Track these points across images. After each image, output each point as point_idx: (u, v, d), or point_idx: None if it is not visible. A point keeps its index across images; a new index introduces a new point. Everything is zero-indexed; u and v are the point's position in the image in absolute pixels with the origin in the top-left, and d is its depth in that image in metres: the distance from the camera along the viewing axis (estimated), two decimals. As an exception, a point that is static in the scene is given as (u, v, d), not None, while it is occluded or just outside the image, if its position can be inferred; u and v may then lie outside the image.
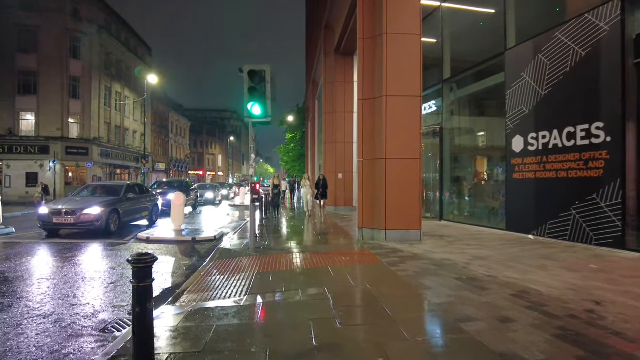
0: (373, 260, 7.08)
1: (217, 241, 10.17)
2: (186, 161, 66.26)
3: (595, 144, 7.85)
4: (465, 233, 10.26)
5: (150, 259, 2.77)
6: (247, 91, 8.06)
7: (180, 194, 11.37)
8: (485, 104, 12.33)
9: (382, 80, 8.90)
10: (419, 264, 6.66)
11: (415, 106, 9.02)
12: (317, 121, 27.42)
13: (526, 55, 9.53)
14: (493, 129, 11.67)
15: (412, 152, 8.97)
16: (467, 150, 13.11)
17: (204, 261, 7.63)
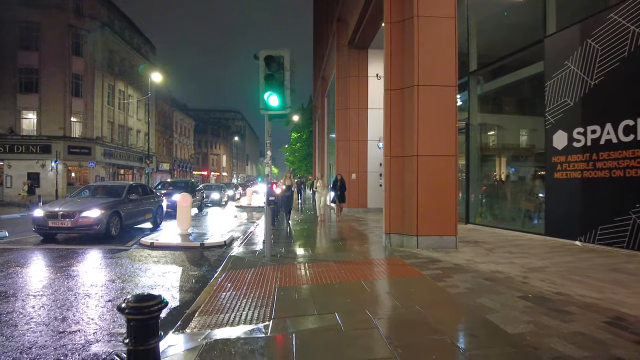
0: (411, 272, 6.13)
1: (227, 247, 9.26)
2: (190, 161, 65.49)
3: (661, 139, 6.88)
4: (500, 238, 9.30)
5: (157, 305, 1.81)
6: (264, 79, 7.15)
7: (187, 195, 10.47)
8: (519, 97, 11.35)
9: (413, 68, 7.95)
10: (467, 277, 5.71)
11: (450, 97, 8.07)
12: (326, 119, 26.49)
13: (571, 42, 8.56)
14: (528, 124, 10.71)
15: (447, 148, 8.03)
16: (497, 148, 12.14)
17: (215, 272, 6.71)
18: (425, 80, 7.97)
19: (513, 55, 10.56)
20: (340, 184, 14.06)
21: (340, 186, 14.02)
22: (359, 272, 6.20)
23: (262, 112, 7.33)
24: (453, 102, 8.09)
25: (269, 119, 7.53)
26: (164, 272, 6.76)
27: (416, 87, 7.95)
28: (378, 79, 17.44)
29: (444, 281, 5.51)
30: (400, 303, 4.60)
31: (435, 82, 8.01)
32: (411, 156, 8.03)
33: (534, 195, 10.16)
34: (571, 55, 8.54)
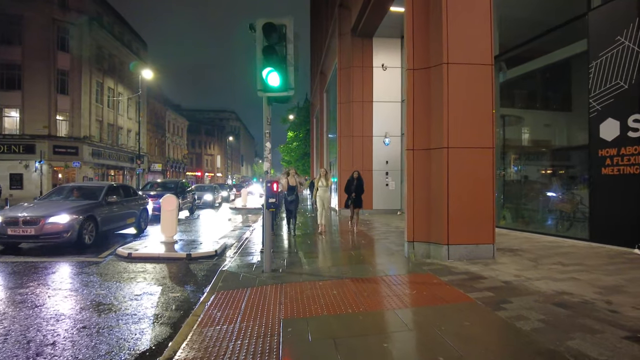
0: (455, 295, 4.77)
1: (219, 257, 7.87)
2: (184, 162, 63.91)
3: None
4: (537, 245, 7.97)
5: None
6: (262, 53, 5.77)
7: (172, 197, 9.06)
8: (551, 82, 10.01)
9: (441, 43, 6.60)
10: (530, 302, 4.36)
11: (486, 77, 6.73)
12: (325, 116, 25.12)
13: (626, 12, 7.26)
14: (563, 113, 9.39)
15: (482, 138, 6.69)
16: (525, 141, 10.80)
17: (202, 292, 5.33)
18: (456, 57, 6.63)
19: (545, 35, 9.23)
20: (358, 184, 10.56)
21: (357, 186, 10.54)
22: (386, 295, 4.84)
23: (260, 94, 5.96)
24: (489, 83, 6.75)
25: (268, 102, 6.16)
26: (138, 294, 5.35)
27: (445, 65, 6.60)
28: (384, 69, 16.16)
29: (503, 309, 4.15)
30: (462, 349, 3.23)
31: (468, 59, 6.67)
32: (439, 149, 6.67)
33: (573, 194, 8.84)
34: (625, 29, 7.23)
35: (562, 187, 9.29)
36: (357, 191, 10.57)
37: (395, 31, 15.73)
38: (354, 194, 10.55)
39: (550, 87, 10.01)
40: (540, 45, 9.48)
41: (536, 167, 10.45)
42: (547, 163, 10.05)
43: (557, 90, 9.73)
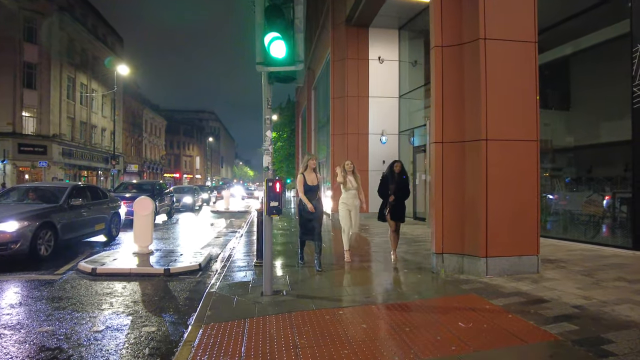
0: (526, 328, 3.59)
1: (204, 273, 6.54)
2: (161, 163, 61.60)
3: None
4: (577, 255, 6.92)
5: None
6: (264, 14, 4.51)
7: (147, 200, 7.65)
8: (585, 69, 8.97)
9: (478, 14, 5.46)
10: (636, 342, 3.23)
11: (530, 57, 5.63)
12: (313, 114, 23.92)
13: (679, -13, 6.29)
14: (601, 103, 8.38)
15: (526, 129, 5.59)
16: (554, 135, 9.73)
17: (186, 327, 4.02)
18: (496, 32, 5.50)
19: (577, 16, 8.24)
20: (400, 182, 6.68)
21: (400, 185, 6.66)
22: (436, 331, 3.62)
23: (260, 68, 4.68)
24: (533, 65, 5.64)
25: (269, 80, 4.89)
26: (99, 329, 3.99)
27: (482, 40, 5.46)
28: (380, 62, 15.03)
29: (611, 354, 3.00)
30: None
31: (508, 35, 5.55)
32: (476, 141, 5.52)
33: (612, 196, 7.85)
34: (679, 5, 6.27)
35: (596, 188, 8.29)
36: (400, 194, 6.63)
37: (393, 21, 14.65)
38: (393, 196, 6.54)
39: (586, 74, 8.99)
40: (571, 28, 8.48)
41: (566, 164, 9.46)
42: (579, 160, 9.03)
43: (593, 77, 8.71)
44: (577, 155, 9.08)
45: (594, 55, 8.45)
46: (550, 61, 8.81)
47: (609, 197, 7.96)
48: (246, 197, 44.07)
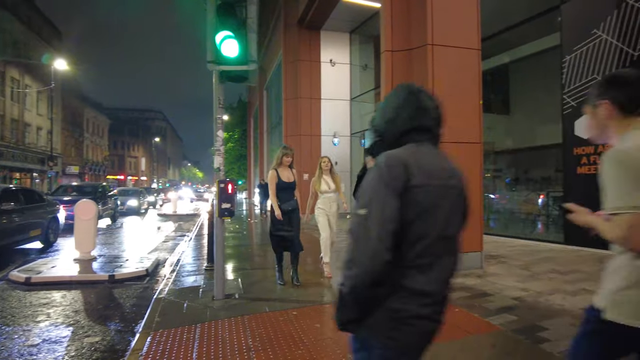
0: (472, 321, 3.79)
1: (151, 278, 6.28)
2: (104, 164, 58.48)
3: None
4: (516, 250, 7.39)
5: None
6: (216, 12, 4.42)
7: (90, 203, 7.25)
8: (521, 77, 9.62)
9: (426, 21, 5.70)
10: (567, 328, 3.51)
11: (473, 63, 5.95)
12: (265, 114, 23.75)
13: (602, 5, 6.92)
14: (535, 109, 8.98)
15: (470, 132, 5.89)
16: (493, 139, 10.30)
17: (133, 334, 3.84)
18: (442, 38, 5.76)
19: (514, 28, 8.80)
20: None
21: None
22: (387, 327, 3.72)
23: (211, 66, 4.60)
24: (476, 70, 5.97)
25: (220, 79, 4.80)
26: (34, 343, 3.72)
27: (430, 46, 5.70)
28: (332, 65, 15.25)
29: (545, 340, 3.24)
30: None
31: (454, 41, 5.84)
32: (423, 143, 5.74)
33: (546, 195, 8.45)
34: (602, 22, 6.88)
35: (533, 188, 8.89)
36: None
37: (345, 25, 14.91)
38: None
39: (524, 82, 9.62)
40: (511, 38, 9.04)
41: (506, 166, 10.05)
42: (517, 162, 9.66)
43: (530, 85, 9.34)
44: (516, 157, 9.69)
45: (530, 64, 9.07)
46: (492, 68, 9.35)
47: (543, 196, 8.56)
48: (195, 199, 42.95)
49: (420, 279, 1.25)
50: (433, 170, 1.28)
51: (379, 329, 1.25)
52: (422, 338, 1.31)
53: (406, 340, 1.26)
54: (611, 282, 1.49)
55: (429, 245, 1.24)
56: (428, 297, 1.26)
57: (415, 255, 1.24)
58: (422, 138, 1.33)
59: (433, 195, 1.25)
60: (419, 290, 1.24)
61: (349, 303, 1.25)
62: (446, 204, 1.28)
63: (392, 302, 1.24)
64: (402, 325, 1.25)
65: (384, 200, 1.18)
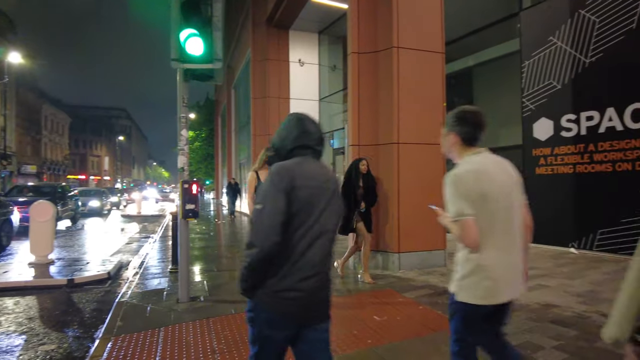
0: (435, 319, 3.89)
1: (114, 282, 6.09)
2: (65, 163, 56.07)
3: (687, 124, 5.69)
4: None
5: None
6: (180, 10, 4.34)
7: (47, 204, 6.94)
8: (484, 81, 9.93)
9: (392, 24, 5.80)
10: (524, 321, 3.67)
11: (437, 66, 6.10)
12: (233, 113, 23.46)
13: (558, 14, 7.25)
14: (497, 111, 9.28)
15: (434, 134, 5.98)
16: None
17: (93, 340, 3.71)
18: (407, 41, 5.88)
19: (476, 33, 9.10)
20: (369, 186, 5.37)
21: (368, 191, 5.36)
22: (354, 325, 3.76)
23: (175, 64, 4.49)
24: (440, 73, 6.13)
25: (185, 78, 4.71)
26: (-17, 351, 3.53)
27: (396, 49, 5.81)
28: (301, 65, 15.22)
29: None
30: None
31: (419, 45, 5.97)
32: (389, 144, 5.85)
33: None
34: (558, 29, 7.21)
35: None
36: (368, 199, 5.34)
37: (313, 25, 14.91)
38: (363, 203, 5.30)
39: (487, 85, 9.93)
40: (474, 43, 9.33)
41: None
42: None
43: (492, 88, 9.66)
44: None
45: (492, 68, 9.39)
46: (456, 71, 9.61)
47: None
48: (161, 199, 41.94)
49: (299, 258, 1.62)
50: (311, 175, 1.68)
51: (265, 297, 1.62)
52: (301, 307, 1.64)
53: (286, 308, 1.62)
54: (457, 272, 1.94)
55: (308, 231, 1.63)
56: (304, 271, 1.62)
57: (298, 239, 1.62)
58: (305, 152, 1.75)
59: (311, 194, 1.65)
60: (298, 266, 1.61)
61: (246, 275, 1.62)
62: (322, 200, 1.68)
63: (277, 276, 1.61)
64: (279, 295, 1.61)
65: (274, 198, 1.58)
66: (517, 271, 1.92)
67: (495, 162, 1.97)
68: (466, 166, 1.92)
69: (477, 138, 1.98)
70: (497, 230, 1.85)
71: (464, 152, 1.99)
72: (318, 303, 1.70)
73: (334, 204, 1.75)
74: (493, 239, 1.84)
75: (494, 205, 1.84)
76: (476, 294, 1.84)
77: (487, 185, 1.85)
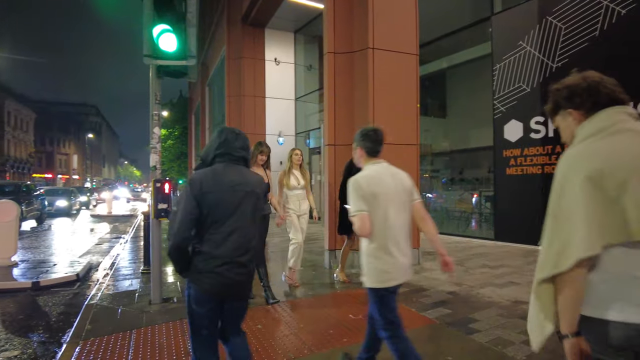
0: (409, 315, 3.94)
1: (83, 284, 5.90)
2: (30, 161, 53.92)
3: (646, 127, 5.96)
4: (450, 246, 7.78)
5: None
6: (154, 5, 4.24)
7: (10, 204, 6.64)
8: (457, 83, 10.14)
9: (368, 25, 5.85)
10: (495, 318, 3.77)
11: (412, 68, 6.19)
12: (207, 111, 23.13)
13: (527, 19, 7.48)
14: (470, 113, 9.50)
15: (408, 134, 6.12)
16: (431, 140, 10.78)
17: (60, 345, 3.59)
18: (383, 43, 5.94)
19: (450, 35, 9.28)
20: None
21: None
22: (329, 326, 3.78)
23: (147, 60, 4.39)
24: (414, 75, 6.22)
25: (157, 74, 4.61)
26: (-59, 358, 3.36)
27: (371, 50, 5.86)
28: (277, 64, 15.15)
29: (476, 331, 3.46)
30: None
31: (394, 46, 6.04)
32: (365, 144, 5.89)
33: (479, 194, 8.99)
34: (527, 34, 7.45)
35: (467, 187, 9.42)
36: None
37: (289, 24, 14.88)
38: None
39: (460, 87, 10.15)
40: (448, 45, 9.51)
41: (442, 167, 10.55)
42: (453, 163, 10.18)
43: (465, 90, 9.88)
44: (452, 159, 10.22)
45: (465, 70, 9.60)
46: (430, 73, 9.78)
47: (477, 195, 9.10)
48: (132, 199, 40.97)
49: (214, 248, 2.02)
50: (220, 181, 2.06)
51: (192, 277, 2.06)
52: (221, 287, 2.05)
53: (206, 286, 2.03)
54: (362, 263, 2.36)
55: (220, 227, 2.03)
56: (220, 259, 2.02)
57: (211, 234, 2.03)
58: (224, 160, 2.13)
59: (219, 197, 2.03)
60: (213, 255, 2.01)
61: (173, 261, 2.08)
62: (233, 202, 2.06)
63: (198, 262, 2.03)
64: (202, 277, 2.03)
65: (186, 202, 2.00)
66: (406, 258, 2.36)
67: (388, 170, 2.45)
68: (363, 173, 2.38)
69: (377, 151, 2.48)
70: (388, 224, 2.27)
71: (367, 162, 2.47)
72: (233, 285, 2.07)
73: (247, 204, 2.10)
74: (384, 232, 2.27)
75: (384, 204, 2.27)
76: (378, 278, 2.27)
77: (377, 187, 2.29)
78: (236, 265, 2.05)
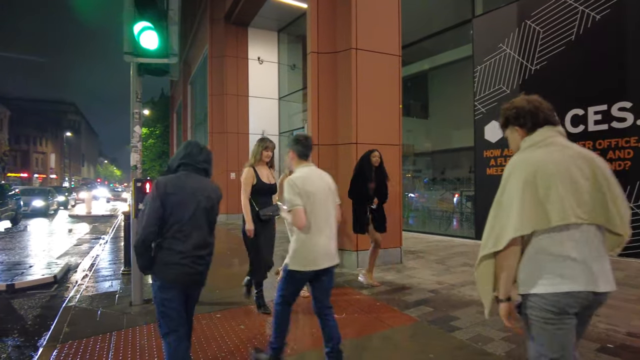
0: (392, 314, 3.98)
1: (61, 286, 5.78)
2: (4, 160, 52.30)
3: (620, 129, 6.16)
4: (431, 245, 7.89)
5: None
6: (135, 2, 4.18)
7: (-16, 204, 6.46)
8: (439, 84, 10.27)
9: (351, 26, 5.88)
10: (476, 316, 3.84)
11: (394, 69, 6.25)
12: (189, 110, 22.87)
13: (506, 23, 7.63)
14: (452, 114, 9.64)
15: (391, 134, 6.18)
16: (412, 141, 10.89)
17: (36, 349, 3.51)
18: (366, 43, 5.98)
19: (432, 37, 9.39)
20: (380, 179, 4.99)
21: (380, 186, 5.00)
22: (307, 322, 3.79)
23: (128, 58, 4.33)
24: (397, 76, 6.28)
25: (139, 72, 4.55)
26: None
27: (354, 50, 5.89)
28: (260, 63, 15.11)
29: (457, 328, 3.52)
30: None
31: (377, 47, 6.09)
32: (348, 144, 5.93)
33: (460, 194, 9.12)
34: (507, 37, 7.60)
35: (448, 187, 9.55)
36: (380, 195, 4.99)
37: (273, 23, 14.85)
38: (376, 199, 4.96)
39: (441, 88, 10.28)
40: (430, 47, 9.63)
41: (424, 167, 10.66)
42: (435, 163, 10.31)
43: (447, 91, 10.02)
44: (433, 159, 10.35)
45: (447, 72, 9.73)
46: (412, 74, 9.88)
47: (458, 195, 9.24)
48: (112, 199, 40.23)
49: (177, 244, 2.30)
50: (182, 186, 2.35)
51: (157, 270, 2.31)
52: (185, 275, 2.32)
53: (170, 277, 2.29)
54: (290, 249, 2.72)
55: (181, 226, 2.31)
56: (182, 254, 2.30)
57: (174, 231, 2.30)
58: (187, 169, 2.42)
59: (181, 199, 2.31)
60: (177, 250, 2.29)
61: (136, 255, 2.32)
62: (192, 204, 2.34)
63: (163, 256, 2.30)
64: (167, 268, 2.29)
65: (152, 202, 2.28)
66: (331, 247, 2.72)
67: (317, 173, 2.78)
68: (298, 173, 2.71)
69: (307, 155, 2.82)
70: (317, 218, 2.63)
71: (298, 164, 2.80)
72: (194, 275, 2.35)
73: (204, 208, 2.38)
74: (315, 225, 2.62)
75: (315, 201, 2.62)
76: (303, 263, 2.64)
77: (310, 187, 2.62)
78: (197, 257, 2.35)
